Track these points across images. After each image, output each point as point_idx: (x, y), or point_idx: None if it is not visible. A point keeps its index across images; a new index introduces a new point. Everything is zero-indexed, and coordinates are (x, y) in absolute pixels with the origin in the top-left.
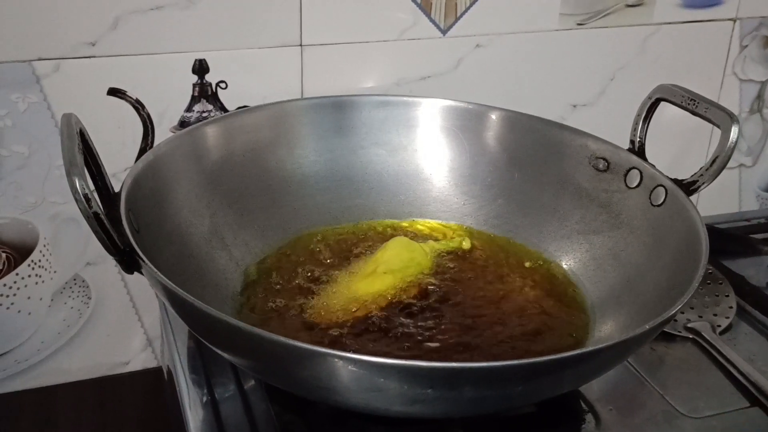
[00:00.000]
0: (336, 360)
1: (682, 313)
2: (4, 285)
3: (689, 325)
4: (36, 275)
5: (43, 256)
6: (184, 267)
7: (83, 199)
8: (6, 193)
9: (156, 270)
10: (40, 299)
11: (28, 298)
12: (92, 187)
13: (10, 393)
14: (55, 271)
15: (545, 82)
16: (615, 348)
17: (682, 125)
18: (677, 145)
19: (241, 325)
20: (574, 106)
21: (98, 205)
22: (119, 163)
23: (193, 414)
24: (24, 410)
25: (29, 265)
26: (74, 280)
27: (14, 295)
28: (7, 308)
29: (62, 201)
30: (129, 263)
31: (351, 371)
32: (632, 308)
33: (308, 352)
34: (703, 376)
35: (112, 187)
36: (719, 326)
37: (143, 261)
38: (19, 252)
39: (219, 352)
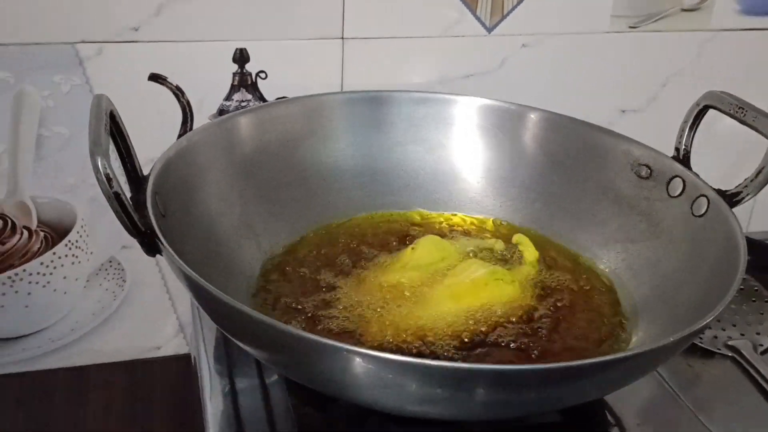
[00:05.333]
0: (345, 354)
1: (723, 330)
2: (42, 263)
3: (730, 343)
4: (73, 255)
5: (80, 236)
6: (211, 254)
7: (104, 179)
8: (46, 173)
9: (174, 254)
10: (76, 279)
11: (64, 277)
12: (117, 167)
13: (44, 370)
14: (91, 252)
15: (593, 85)
16: (635, 359)
17: (740, 136)
18: (733, 157)
19: (253, 313)
20: (623, 111)
21: (119, 186)
22: (158, 148)
23: (213, 403)
24: (56, 388)
25: (66, 245)
26: (110, 262)
27: (51, 273)
28: (44, 286)
29: None
30: (150, 246)
31: (360, 366)
32: (665, 320)
33: (315, 343)
34: (740, 396)
35: (141, 171)
36: (761, 345)
37: (163, 245)
38: (56, 232)
39: (234, 339)
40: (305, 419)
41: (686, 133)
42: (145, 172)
